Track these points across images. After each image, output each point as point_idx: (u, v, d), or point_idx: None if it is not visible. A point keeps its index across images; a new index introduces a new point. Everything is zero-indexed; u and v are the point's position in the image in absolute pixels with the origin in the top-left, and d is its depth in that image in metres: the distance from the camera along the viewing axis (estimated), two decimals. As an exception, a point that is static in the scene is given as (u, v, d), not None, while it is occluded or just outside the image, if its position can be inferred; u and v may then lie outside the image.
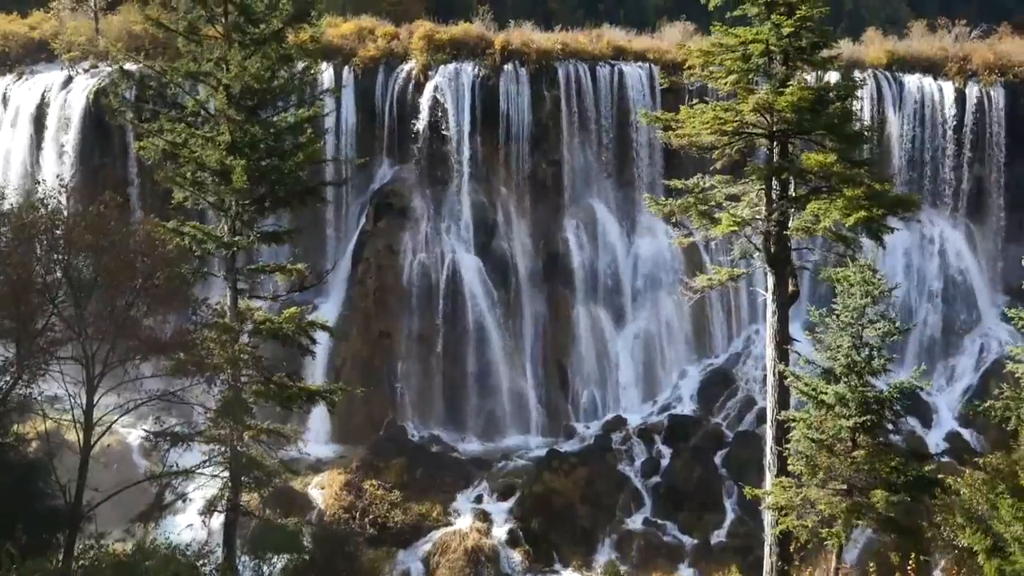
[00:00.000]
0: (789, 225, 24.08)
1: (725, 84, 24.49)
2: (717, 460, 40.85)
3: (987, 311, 46.79)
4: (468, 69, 44.81)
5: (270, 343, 24.32)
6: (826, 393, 21.58)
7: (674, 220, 27.15)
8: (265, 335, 21.84)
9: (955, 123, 46.69)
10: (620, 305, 46.04)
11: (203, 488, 23.47)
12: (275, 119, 21.61)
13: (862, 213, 21.77)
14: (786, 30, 23.36)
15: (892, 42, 50.37)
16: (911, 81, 47.14)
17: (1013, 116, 47.07)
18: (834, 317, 21.96)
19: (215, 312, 20.76)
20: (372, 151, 45.13)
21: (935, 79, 47.31)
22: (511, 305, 44.61)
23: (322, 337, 43.01)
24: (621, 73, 46.14)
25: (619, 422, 43.29)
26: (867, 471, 20.95)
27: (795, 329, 30.21)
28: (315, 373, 42.69)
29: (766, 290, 26.40)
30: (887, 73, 47.34)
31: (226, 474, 22.86)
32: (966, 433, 42.17)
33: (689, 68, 25.87)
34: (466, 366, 43.60)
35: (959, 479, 18.57)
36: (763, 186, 25.04)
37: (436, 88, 44.32)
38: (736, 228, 24.35)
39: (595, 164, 46.43)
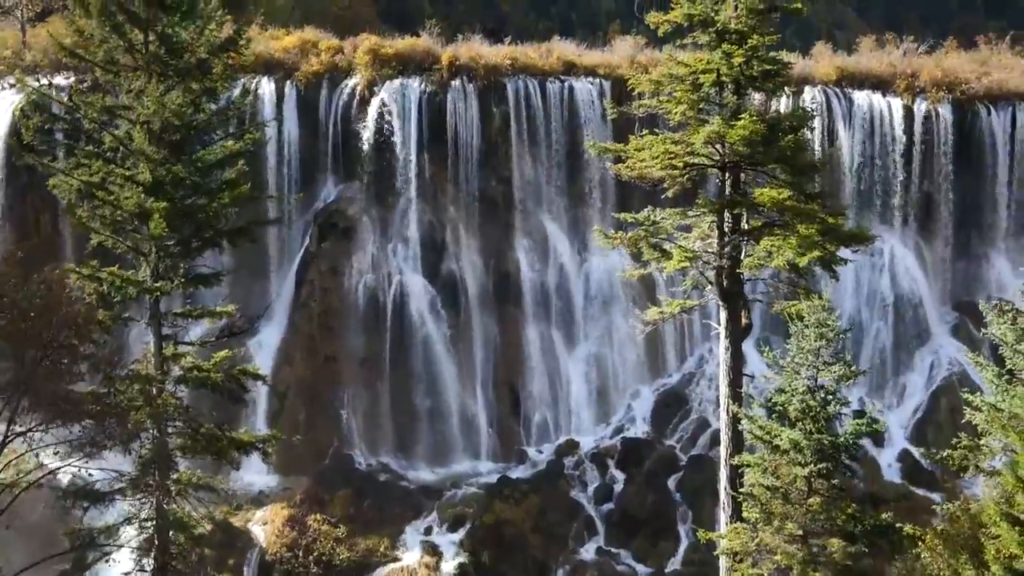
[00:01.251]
0: (742, 261, 23.43)
1: (676, 114, 23.79)
2: (671, 484, 40.21)
3: (936, 327, 46.86)
4: (415, 85, 43.61)
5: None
6: (780, 437, 20.93)
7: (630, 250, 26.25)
8: (192, 384, 20.47)
9: (904, 139, 46.71)
10: (572, 325, 45.19)
11: (129, 545, 22.01)
12: (201, 153, 20.24)
13: (816, 253, 21.16)
14: (737, 60, 22.70)
15: (842, 58, 50.26)
16: (860, 97, 47.03)
17: (960, 133, 47.25)
18: (788, 359, 21.30)
19: (132, 370, 19.33)
20: (316, 169, 43.80)
21: (884, 95, 47.29)
22: (461, 327, 43.50)
23: (265, 361, 42.69)
24: (571, 89, 45.33)
25: (572, 445, 42.43)
26: (823, 519, 20.33)
27: (747, 346, 29.55)
28: (257, 399, 41.23)
29: (718, 323, 25.78)
30: (837, 89, 47.18)
31: (152, 528, 21.46)
32: (917, 452, 42.01)
33: (638, 96, 25.19)
34: (415, 390, 42.38)
35: (921, 541, 17.94)
36: (715, 219, 24.39)
37: (382, 104, 43.05)
38: (688, 264, 23.65)
39: (545, 181, 45.52)
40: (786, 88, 25.38)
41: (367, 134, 42.83)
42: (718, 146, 23.46)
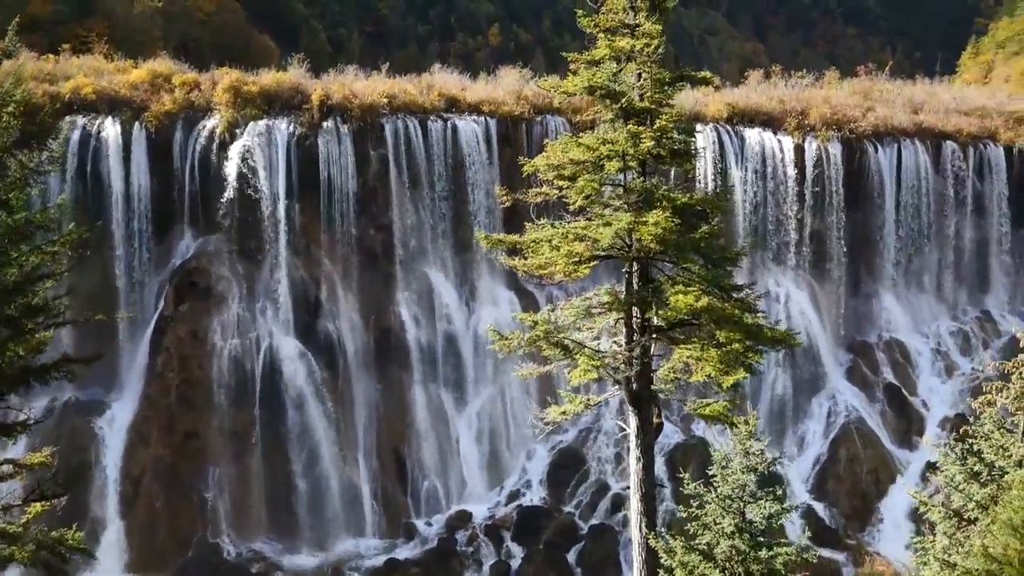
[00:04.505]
0: (655, 370, 20.86)
1: (577, 201, 20.99)
2: (571, 558, 37.68)
3: (832, 369, 46.07)
4: (282, 126, 39.51)
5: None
6: (707, 577, 18.40)
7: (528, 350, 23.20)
8: (-7, 562, 16.30)
9: (796, 178, 45.72)
10: (461, 383, 42.15)
11: None
12: (-1, 273, 16.08)
13: (741, 373, 18.71)
14: (646, 144, 20.06)
15: (732, 92, 48.96)
16: (752, 135, 45.77)
17: (848, 171, 46.66)
18: (711, 489, 18.75)
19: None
20: (171, 221, 39.16)
21: (775, 133, 46.17)
22: (339, 391, 39.78)
23: (115, 442, 37.73)
24: (455, 128, 42.22)
25: (464, 517, 39.35)
26: None
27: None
28: (106, 487, 36.48)
29: (626, 425, 23.17)
30: (728, 127, 45.73)
31: None
32: (819, 507, 40.96)
33: (530, 179, 22.36)
34: (289, 464, 38.47)
35: None
36: (622, 315, 21.69)
37: (245, 148, 38.76)
38: (595, 373, 20.89)
39: (429, 227, 42.25)
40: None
41: (229, 182, 38.46)
42: (626, 238, 20.78)
